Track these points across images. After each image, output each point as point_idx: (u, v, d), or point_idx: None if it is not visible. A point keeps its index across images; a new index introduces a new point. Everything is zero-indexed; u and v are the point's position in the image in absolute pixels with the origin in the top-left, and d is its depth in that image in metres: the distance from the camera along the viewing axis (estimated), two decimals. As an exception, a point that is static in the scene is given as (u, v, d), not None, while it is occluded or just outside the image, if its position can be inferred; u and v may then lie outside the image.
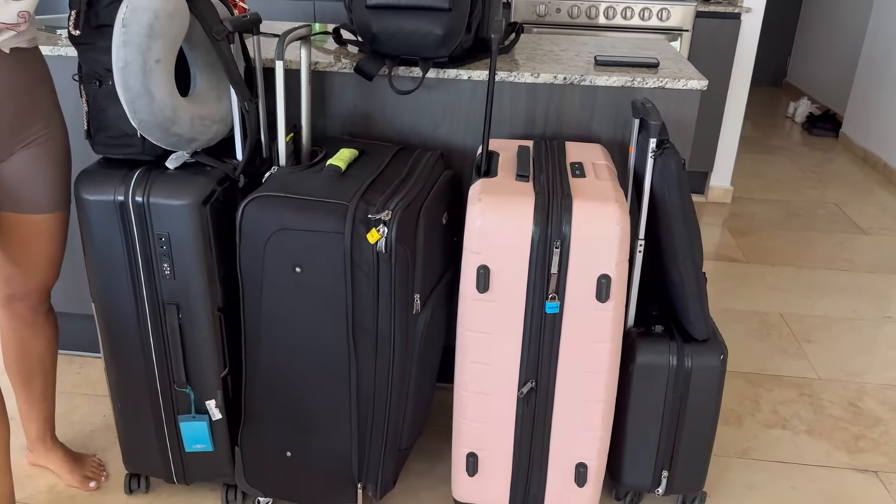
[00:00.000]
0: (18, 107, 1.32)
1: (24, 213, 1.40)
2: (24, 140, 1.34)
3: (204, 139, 1.41)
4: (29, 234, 1.42)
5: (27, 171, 1.37)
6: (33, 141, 1.36)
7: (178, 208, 1.35)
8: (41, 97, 1.37)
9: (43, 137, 1.38)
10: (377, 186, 1.40)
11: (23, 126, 1.33)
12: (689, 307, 1.44)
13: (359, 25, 1.64)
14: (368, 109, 1.76)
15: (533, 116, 1.72)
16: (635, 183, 1.54)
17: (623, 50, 1.96)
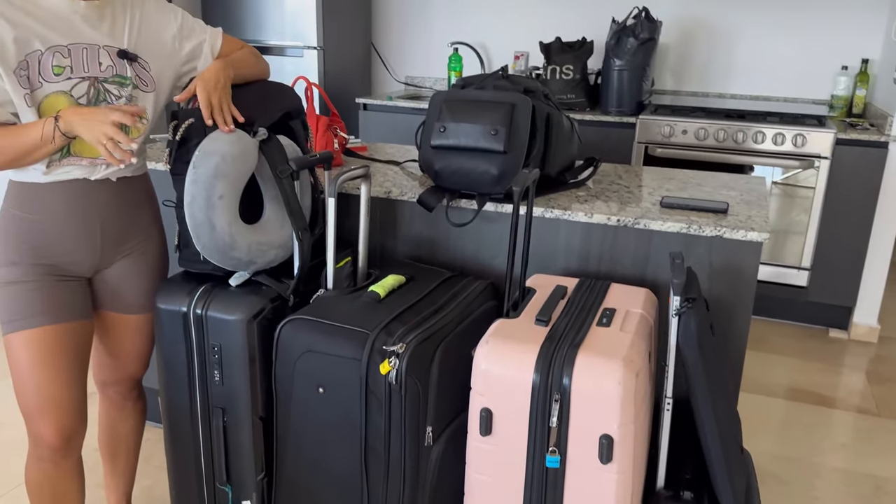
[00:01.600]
0: (123, 224, 1.57)
1: (121, 312, 1.64)
2: (124, 251, 1.59)
3: (262, 262, 1.58)
4: (123, 330, 1.66)
5: (125, 277, 1.61)
6: (133, 251, 1.60)
7: (230, 322, 1.52)
8: (143, 215, 1.62)
9: (141, 248, 1.62)
10: (406, 316, 1.48)
11: (125, 239, 1.58)
12: (716, 476, 1.34)
13: (424, 162, 1.77)
14: (433, 235, 1.87)
15: (587, 254, 1.73)
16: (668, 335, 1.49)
17: (706, 189, 1.92)
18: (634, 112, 3.37)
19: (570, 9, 3.83)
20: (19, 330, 1.44)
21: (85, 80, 1.42)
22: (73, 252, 1.49)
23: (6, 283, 1.45)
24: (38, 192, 1.44)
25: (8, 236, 1.45)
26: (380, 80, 4.33)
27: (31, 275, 1.45)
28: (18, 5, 1.36)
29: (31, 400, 1.47)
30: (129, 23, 1.49)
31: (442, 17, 4.09)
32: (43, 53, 1.37)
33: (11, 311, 1.44)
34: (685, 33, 3.67)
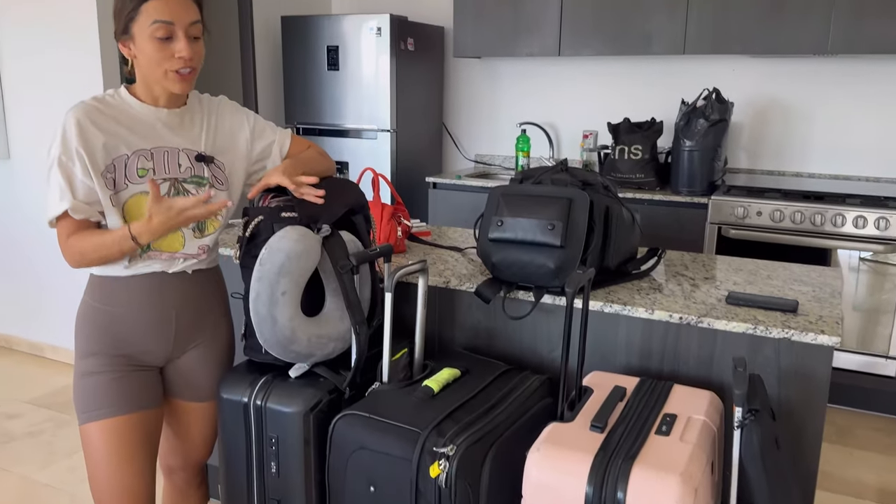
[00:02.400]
0: (196, 315, 1.64)
1: (190, 400, 1.69)
2: (196, 341, 1.65)
3: (321, 354, 1.61)
4: (192, 417, 1.71)
5: (196, 366, 1.67)
6: (204, 341, 1.67)
7: (288, 415, 1.55)
8: (214, 306, 1.69)
9: (211, 338, 1.68)
10: (459, 415, 1.47)
11: (197, 330, 1.65)
12: None
13: (482, 254, 1.79)
14: (491, 326, 1.86)
15: (649, 351, 1.68)
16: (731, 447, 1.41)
17: (776, 282, 1.85)
18: (706, 192, 3.32)
19: (638, 89, 3.84)
20: (95, 420, 1.50)
21: (166, 180, 1.52)
22: (148, 342, 1.56)
23: (85, 374, 1.52)
24: (118, 285, 1.53)
25: (88, 328, 1.54)
26: (450, 158, 4.43)
27: (108, 366, 1.52)
28: (108, 114, 1.48)
29: (104, 488, 1.52)
30: (205, 127, 1.60)
31: (511, 98, 4.18)
32: (129, 157, 1.49)
33: (89, 401, 1.51)
34: (758, 112, 3.62)
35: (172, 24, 1.42)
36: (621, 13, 3.48)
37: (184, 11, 1.43)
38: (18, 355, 3.78)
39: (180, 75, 1.46)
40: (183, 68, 1.46)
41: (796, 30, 3.16)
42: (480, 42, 3.83)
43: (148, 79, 1.48)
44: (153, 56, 1.43)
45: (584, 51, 3.59)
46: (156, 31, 1.41)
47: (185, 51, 1.44)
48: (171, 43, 1.43)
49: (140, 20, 1.41)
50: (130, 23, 1.42)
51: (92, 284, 1.55)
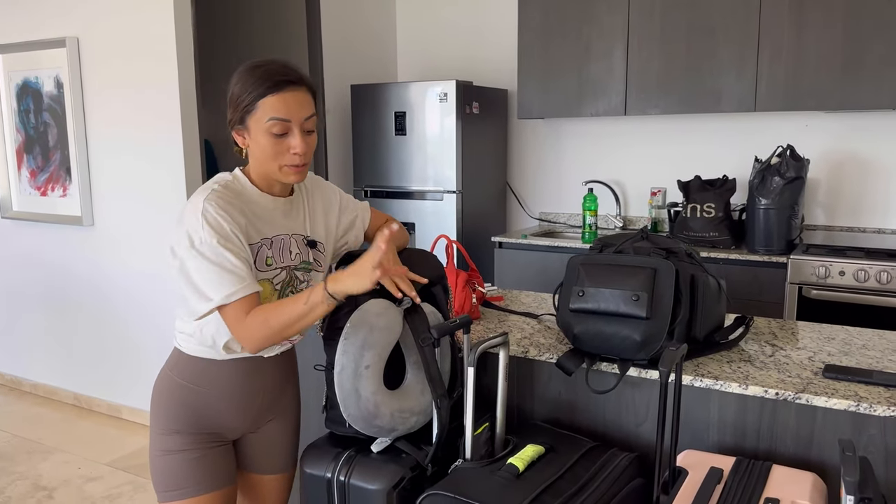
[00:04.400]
0: (277, 392, 1.65)
1: (263, 473, 1.70)
2: (272, 413, 1.67)
3: (403, 429, 1.59)
4: (265, 490, 1.71)
5: (270, 440, 1.68)
6: (278, 415, 1.68)
7: (372, 492, 1.53)
8: (290, 380, 1.70)
9: (286, 411, 1.69)
10: (546, 497, 1.42)
11: (275, 405, 1.66)
12: None
13: (562, 325, 1.76)
14: (572, 399, 1.82)
15: (743, 429, 1.61)
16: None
17: (873, 352, 1.76)
18: (784, 251, 3.21)
19: (707, 147, 3.80)
20: (179, 500, 1.51)
21: (284, 269, 1.55)
22: (232, 420, 1.57)
23: (167, 452, 1.53)
24: (211, 367, 1.54)
25: (170, 404, 1.55)
26: (515, 217, 4.44)
27: (191, 444, 1.53)
28: (236, 201, 1.48)
29: None
30: (307, 211, 1.63)
31: (575, 156, 4.18)
32: (260, 246, 1.51)
33: (172, 480, 1.52)
34: (834, 168, 3.51)
35: (289, 122, 1.44)
36: (689, 72, 3.47)
37: (300, 108, 1.44)
38: (97, 416, 3.88)
39: (294, 168, 1.48)
40: (299, 161, 1.48)
41: (873, 84, 3.08)
42: (545, 104, 3.86)
43: (263, 168, 1.49)
44: (268, 150, 1.45)
45: (651, 110, 3.58)
46: (272, 128, 1.43)
47: (299, 147, 1.45)
48: (287, 138, 1.45)
49: (257, 115, 1.43)
50: (247, 115, 1.44)
51: (180, 361, 1.56)
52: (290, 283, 1.56)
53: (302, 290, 1.55)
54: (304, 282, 1.60)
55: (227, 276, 1.39)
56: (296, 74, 1.46)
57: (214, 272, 1.39)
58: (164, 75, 3.35)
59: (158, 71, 3.37)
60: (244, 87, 1.44)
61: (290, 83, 1.43)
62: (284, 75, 1.44)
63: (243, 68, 1.47)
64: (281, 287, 1.55)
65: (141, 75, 3.43)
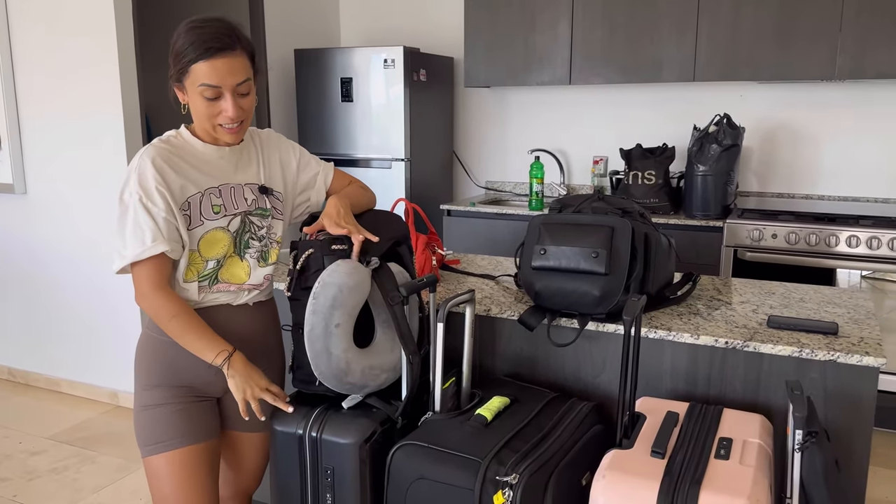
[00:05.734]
0: (254, 346, 1.66)
1: (245, 431, 1.70)
2: None
3: (374, 385, 1.62)
4: (246, 448, 1.72)
5: None
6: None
7: (344, 446, 1.56)
8: (270, 338, 1.71)
9: (266, 370, 1.69)
10: (515, 443, 1.49)
11: (255, 361, 1.66)
12: None
13: (524, 282, 1.81)
14: (533, 354, 1.89)
15: (695, 376, 1.71)
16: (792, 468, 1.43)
17: (809, 305, 1.89)
18: (721, 216, 3.37)
19: (648, 116, 3.91)
20: (163, 451, 1.52)
21: (237, 215, 1.57)
22: (209, 373, 1.58)
23: (148, 407, 1.54)
24: None
25: (150, 360, 1.56)
26: (461, 186, 4.48)
27: (171, 397, 1.54)
28: (178, 155, 1.53)
29: None
30: (261, 161, 1.65)
31: (520, 125, 4.24)
32: (202, 195, 1.53)
33: (154, 433, 1.53)
34: (767, 137, 3.69)
35: (219, 88, 1.46)
36: (631, 42, 3.55)
37: (230, 75, 1.46)
38: (36, 391, 3.76)
39: (229, 129, 1.52)
40: (230, 124, 1.51)
41: (804, 56, 3.24)
42: (491, 72, 3.89)
43: (201, 125, 1.53)
44: (202, 112, 1.49)
45: (594, 79, 3.66)
46: (203, 92, 1.46)
47: (231, 111, 1.48)
48: (219, 102, 1.48)
49: (190, 78, 1.46)
50: (182, 76, 1.47)
51: None
52: (247, 229, 1.59)
53: (260, 237, 1.61)
54: (263, 227, 1.62)
55: (145, 236, 1.46)
56: (227, 40, 1.45)
57: (130, 228, 1.46)
58: (101, 36, 3.22)
59: (94, 32, 3.23)
60: (182, 48, 1.45)
61: (220, 50, 1.44)
62: (217, 41, 1.44)
63: (184, 26, 1.48)
64: (237, 234, 1.57)
65: (76, 36, 3.29)
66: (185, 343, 1.49)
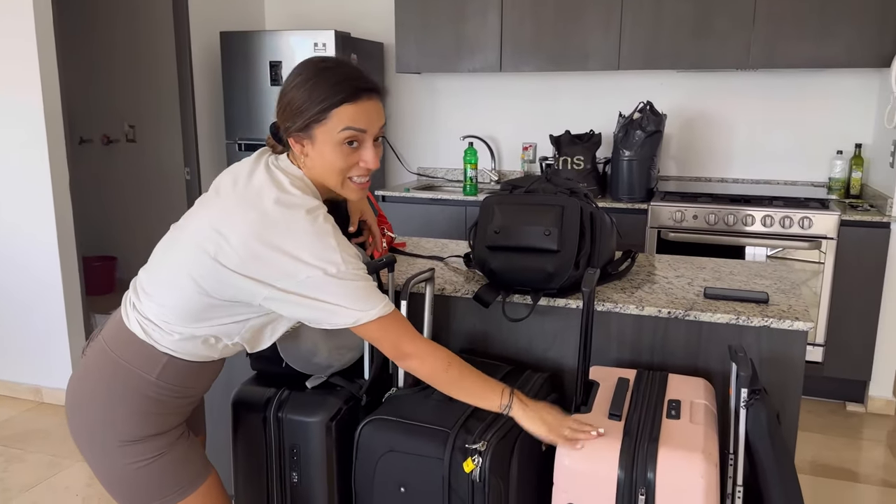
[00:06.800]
0: None
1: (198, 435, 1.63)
2: None
3: (338, 364, 1.65)
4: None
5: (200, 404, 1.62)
6: None
7: (310, 424, 1.58)
8: None
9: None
10: (480, 413, 1.54)
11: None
12: (793, 563, 1.39)
13: (478, 261, 1.87)
14: (487, 330, 1.95)
15: (639, 345, 1.82)
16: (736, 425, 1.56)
17: (739, 277, 2.03)
18: (645, 199, 3.54)
19: (576, 103, 4.05)
20: (191, 493, 1.39)
21: None
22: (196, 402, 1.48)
23: (155, 458, 1.36)
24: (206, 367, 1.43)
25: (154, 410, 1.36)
26: (393, 172, 4.50)
27: (174, 439, 1.40)
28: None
29: None
30: None
31: (451, 112, 4.30)
32: None
33: (173, 481, 1.38)
34: (686, 123, 3.89)
35: (364, 133, 1.33)
36: (560, 31, 3.67)
37: (377, 116, 1.34)
38: (-54, 390, 3.54)
39: (360, 184, 1.38)
40: (365, 176, 1.38)
41: (721, 47, 3.43)
42: (423, 58, 3.93)
43: (321, 179, 1.37)
44: (336, 164, 1.33)
45: (524, 67, 3.76)
46: (346, 138, 1.31)
47: (371, 162, 1.35)
48: (357, 151, 1.34)
49: (329, 124, 1.30)
50: (315, 124, 1.31)
51: (168, 367, 1.36)
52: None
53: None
54: None
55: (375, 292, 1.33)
56: (373, 81, 1.34)
57: (364, 290, 1.31)
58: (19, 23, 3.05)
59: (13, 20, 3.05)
60: (314, 93, 1.29)
61: (368, 91, 1.32)
62: (363, 82, 1.31)
63: (308, 70, 1.32)
64: None
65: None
66: (463, 393, 1.40)
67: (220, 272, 1.28)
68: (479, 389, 1.41)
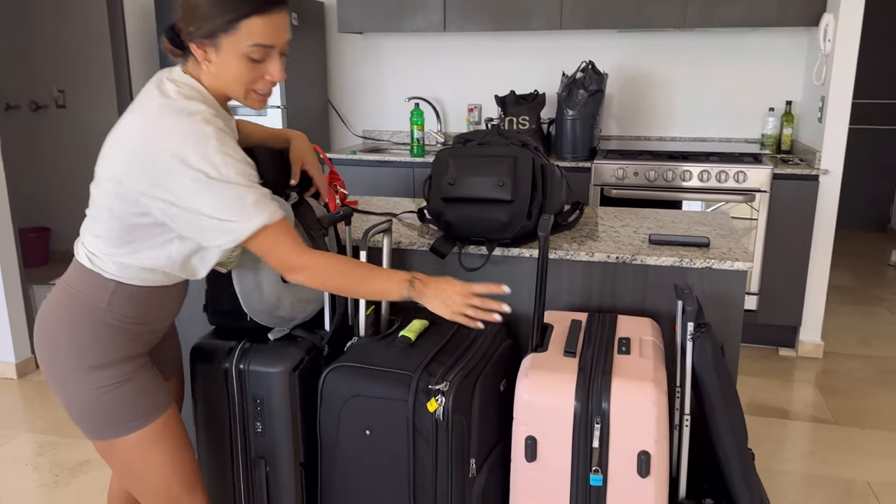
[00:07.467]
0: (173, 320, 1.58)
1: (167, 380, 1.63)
2: None
3: (301, 317, 1.66)
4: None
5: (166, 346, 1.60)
6: None
7: (273, 374, 1.59)
8: None
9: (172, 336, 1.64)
10: (440, 357, 1.59)
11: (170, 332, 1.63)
12: (734, 483, 1.50)
13: (433, 213, 1.91)
14: (443, 282, 1.99)
15: (590, 290, 1.89)
16: (682, 359, 1.65)
17: (681, 225, 2.12)
18: (588, 157, 3.62)
19: (520, 63, 4.08)
20: (150, 423, 1.40)
21: None
22: (160, 335, 1.49)
23: (117, 385, 1.38)
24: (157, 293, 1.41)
25: (112, 336, 1.37)
26: (338, 135, 4.46)
27: (131, 371, 1.40)
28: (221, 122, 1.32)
29: (180, 483, 1.46)
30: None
31: (395, 73, 4.28)
32: None
33: (134, 409, 1.39)
34: (626, 83, 3.98)
35: (272, 48, 1.31)
36: (503, -9, 3.68)
37: (284, 31, 1.32)
38: None
39: (262, 95, 1.37)
40: (269, 89, 1.36)
41: (659, 7, 3.51)
42: (366, 18, 3.89)
43: (223, 89, 1.35)
44: (240, 76, 1.31)
45: (468, 27, 3.76)
46: (252, 53, 1.29)
47: (278, 75, 1.34)
48: (264, 64, 1.32)
49: (237, 36, 1.27)
50: (221, 33, 1.27)
51: (118, 292, 1.36)
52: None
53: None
54: None
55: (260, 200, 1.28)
56: None
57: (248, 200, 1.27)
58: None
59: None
60: (221, 1, 1.26)
61: (278, 3, 1.29)
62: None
63: None
64: None
65: None
66: (364, 293, 1.37)
67: (117, 188, 1.28)
68: (379, 286, 1.38)
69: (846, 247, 5.51)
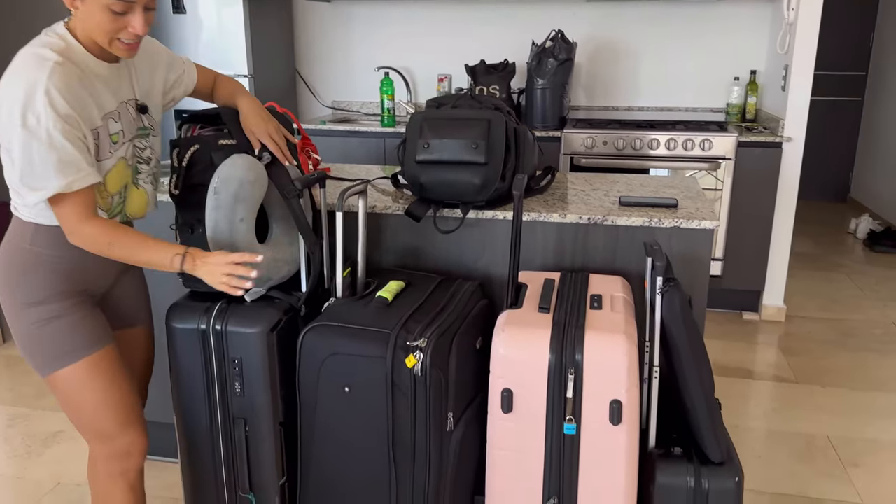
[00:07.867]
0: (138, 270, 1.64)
1: (129, 327, 1.66)
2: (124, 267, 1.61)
3: (277, 278, 1.67)
4: (132, 344, 1.68)
5: (125, 294, 1.63)
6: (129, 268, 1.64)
7: (251, 335, 1.60)
8: None
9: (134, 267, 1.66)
10: (418, 316, 1.62)
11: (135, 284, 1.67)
12: (703, 431, 1.56)
13: (408, 177, 1.92)
14: (418, 245, 2.01)
15: (562, 251, 1.93)
16: (651, 314, 1.70)
17: (650, 188, 2.17)
18: (558, 126, 3.65)
19: (490, 32, 4.08)
20: (78, 360, 1.46)
21: (128, 141, 1.48)
22: (99, 276, 1.53)
23: (41, 322, 1.45)
24: None
25: (30, 275, 1.45)
26: (307, 106, 4.42)
27: (67, 307, 1.47)
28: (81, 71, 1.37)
29: (112, 419, 1.52)
30: (133, 72, 1.53)
31: (364, 43, 4.25)
32: (107, 121, 1.42)
33: (61, 346, 1.46)
34: (594, 53, 4.00)
35: (134, 3, 1.34)
36: (472, -41, 3.66)
37: None
38: None
39: (127, 45, 1.39)
40: (133, 40, 1.39)
41: (628, -24, 3.53)
42: (335, -14, 3.84)
43: (92, 37, 1.37)
44: (103, 26, 1.34)
45: (438, -5, 3.75)
46: (113, 6, 1.32)
47: (140, 29, 1.36)
48: (126, 17, 1.35)
49: None
50: None
51: (38, 232, 1.44)
52: (134, 153, 1.51)
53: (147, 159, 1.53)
54: (146, 148, 1.55)
55: (64, 167, 1.33)
56: None
57: (51, 161, 1.32)
58: None
59: None
60: None
61: None
62: None
63: None
64: (133, 161, 1.50)
65: None
66: (136, 262, 1.44)
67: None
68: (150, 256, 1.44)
69: (808, 215, 5.65)
